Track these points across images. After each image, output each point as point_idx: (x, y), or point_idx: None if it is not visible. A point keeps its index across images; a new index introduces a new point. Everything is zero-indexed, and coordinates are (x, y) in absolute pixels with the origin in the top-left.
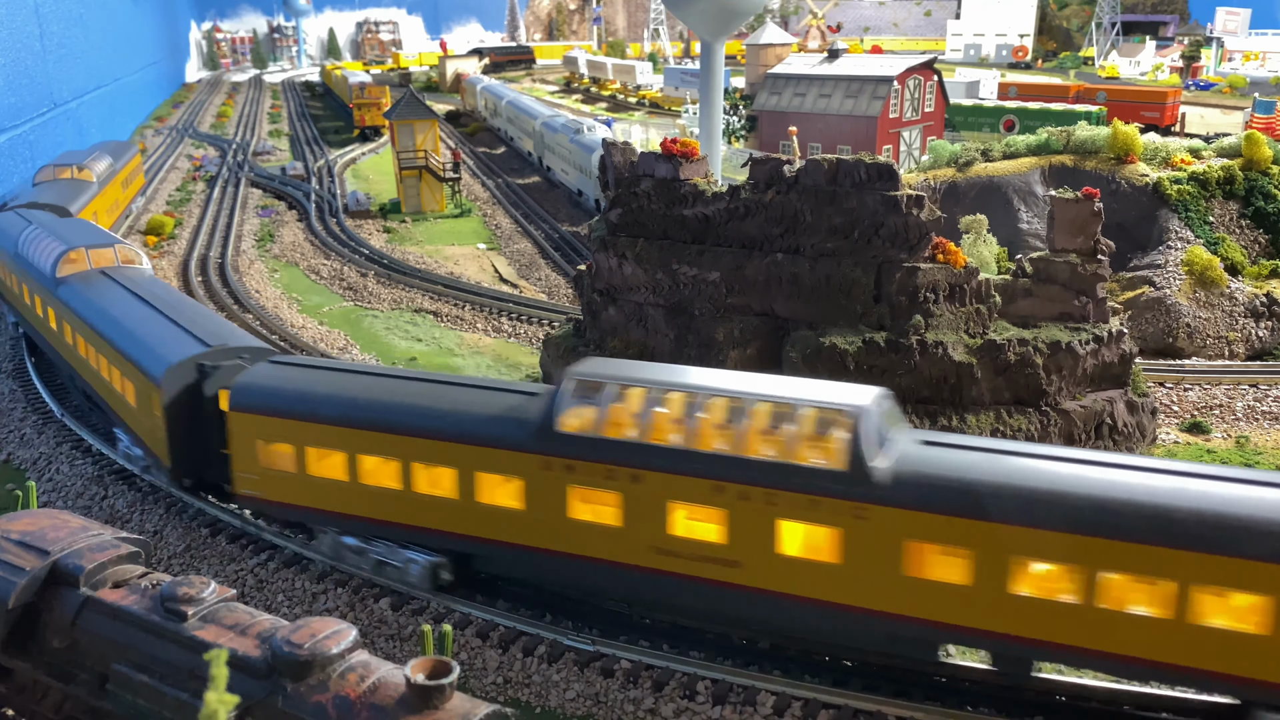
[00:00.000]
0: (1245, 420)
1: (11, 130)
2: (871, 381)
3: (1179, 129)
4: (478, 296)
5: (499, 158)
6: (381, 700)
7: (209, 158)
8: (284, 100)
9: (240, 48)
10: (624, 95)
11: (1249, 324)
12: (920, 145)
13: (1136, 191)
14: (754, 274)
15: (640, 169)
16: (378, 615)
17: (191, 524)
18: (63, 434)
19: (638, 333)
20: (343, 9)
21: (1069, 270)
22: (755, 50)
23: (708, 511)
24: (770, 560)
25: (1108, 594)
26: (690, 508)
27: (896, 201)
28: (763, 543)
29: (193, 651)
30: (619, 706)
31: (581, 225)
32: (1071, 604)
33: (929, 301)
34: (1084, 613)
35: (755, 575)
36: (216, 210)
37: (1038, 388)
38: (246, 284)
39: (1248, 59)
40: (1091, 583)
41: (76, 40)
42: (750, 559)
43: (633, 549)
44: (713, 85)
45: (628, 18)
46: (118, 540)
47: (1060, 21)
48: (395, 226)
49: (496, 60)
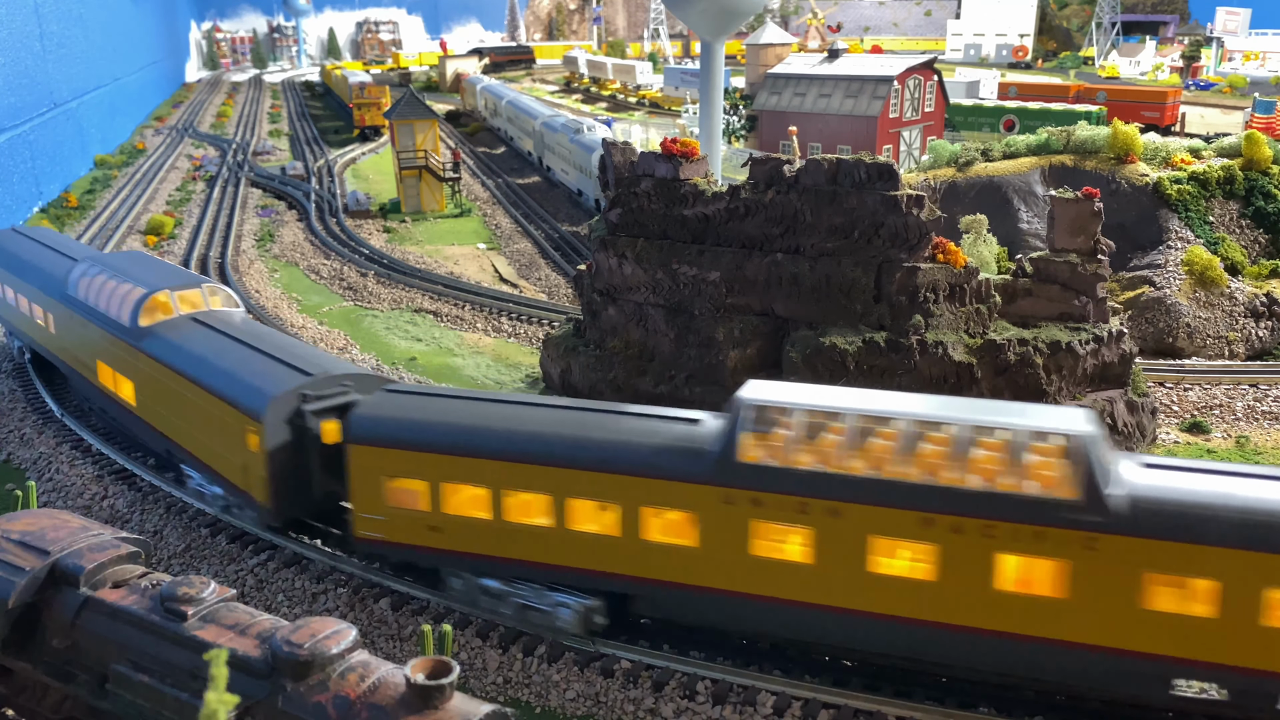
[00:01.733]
0: (1245, 420)
1: (11, 130)
2: (871, 382)
3: (1179, 129)
4: (478, 296)
5: (499, 158)
6: (381, 700)
7: (209, 158)
8: (284, 100)
9: (240, 47)
10: (624, 95)
11: (1249, 324)
12: (920, 145)
13: (1136, 191)
14: (754, 274)
15: (640, 169)
16: (378, 615)
17: (191, 524)
18: (63, 434)
19: (638, 333)
20: (343, 9)
21: (1069, 270)
22: (755, 50)
23: (915, 547)
24: (985, 596)
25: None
26: (894, 543)
27: (896, 201)
28: (978, 578)
29: (193, 651)
30: (619, 706)
31: (581, 225)
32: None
33: (929, 301)
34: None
35: (968, 613)
36: (216, 210)
37: (1038, 388)
38: (246, 284)
39: (1248, 59)
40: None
41: (76, 40)
42: (962, 595)
43: (826, 588)
44: (713, 85)
45: (628, 18)
46: (118, 540)
47: (1060, 21)
48: (395, 226)
49: (496, 60)
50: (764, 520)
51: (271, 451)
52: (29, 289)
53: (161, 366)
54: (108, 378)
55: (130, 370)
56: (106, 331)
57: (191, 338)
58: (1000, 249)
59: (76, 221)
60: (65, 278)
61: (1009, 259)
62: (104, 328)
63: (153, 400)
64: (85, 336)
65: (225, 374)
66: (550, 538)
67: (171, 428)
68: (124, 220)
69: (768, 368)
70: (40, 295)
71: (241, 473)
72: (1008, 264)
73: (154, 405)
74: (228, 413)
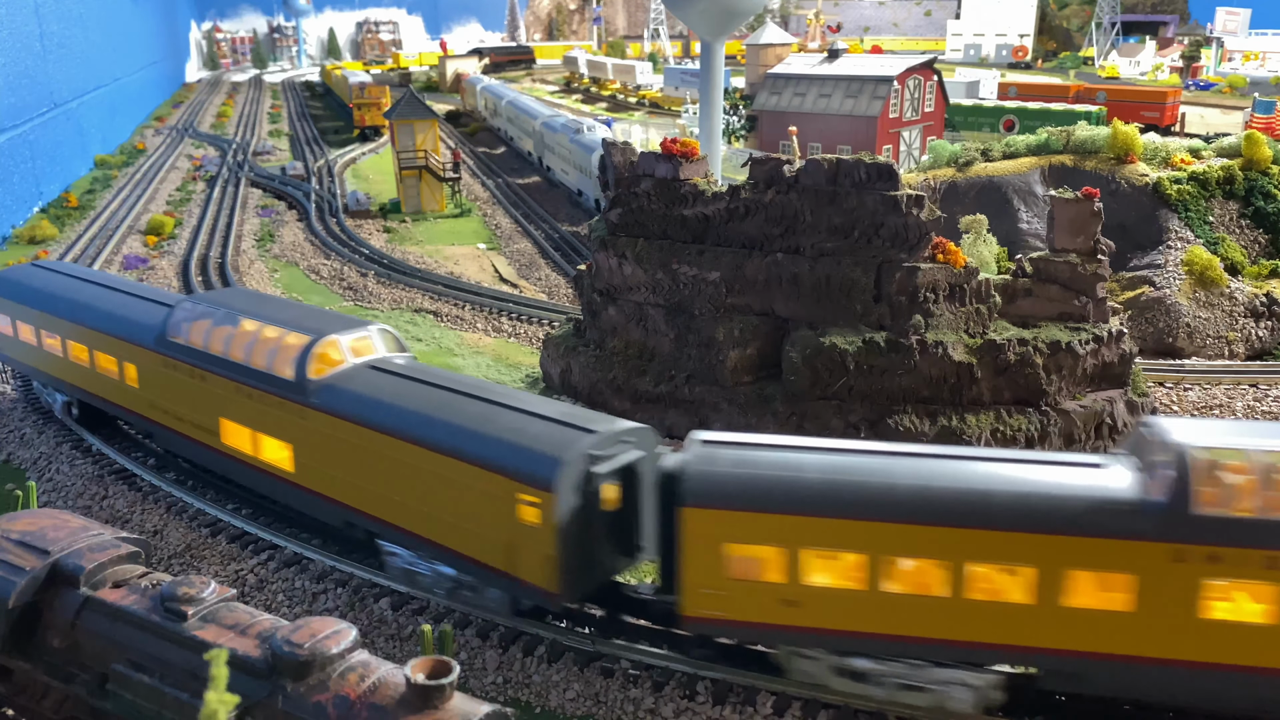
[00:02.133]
0: (1245, 420)
1: (11, 130)
2: (871, 381)
3: (1179, 129)
4: (478, 296)
5: (499, 158)
6: (381, 700)
7: (209, 158)
8: (284, 100)
9: (240, 48)
10: (624, 95)
11: (1249, 324)
12: (920, 145)
13: (1136, 191)
14: (754, 274)
15: (640, 169)
16: (378, 615)
17: (191, 524)
18: (63, 434)
19: (638, 333)
20: (343, 9)
21: (1069, 270)
22: (755, 50)
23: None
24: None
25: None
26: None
27: (896, 201)
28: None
29: (193, 651)
30: (619, 706)
31: (581, 225)
32: None
33: (929, 301)
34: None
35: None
36: (216, 210)
37: (1038, 387)
38: (246, 284)
39: (1248, 59)
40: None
41: (76, 40)
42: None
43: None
44: (713, 85)
45: (628, 18)
46: (118, 540)
47: (1060, 21)
48: (395, 226)
49: (496, 60)
50: (1221, 578)
51: (561, 525)
52: (87, 334)
53: (351, 426)
54: (241, 439)
55: (287, 430)
56: (248, 385)
57: (391, 390)
58: (1000, 249)
59: (76, 221)
60: (161, 322)
61: (1009, 259)
62: (242, 381)
63: (328, 465)
64: (200, 391)
65: (473, 435)
66: (943, 609)
67: (362, 497)
68: (124, 220)
69: (768, 367)
70: (111, 342)
71: (504, 551)
72: (1008, 264)
73: (330, 471)
74: (486, 481)
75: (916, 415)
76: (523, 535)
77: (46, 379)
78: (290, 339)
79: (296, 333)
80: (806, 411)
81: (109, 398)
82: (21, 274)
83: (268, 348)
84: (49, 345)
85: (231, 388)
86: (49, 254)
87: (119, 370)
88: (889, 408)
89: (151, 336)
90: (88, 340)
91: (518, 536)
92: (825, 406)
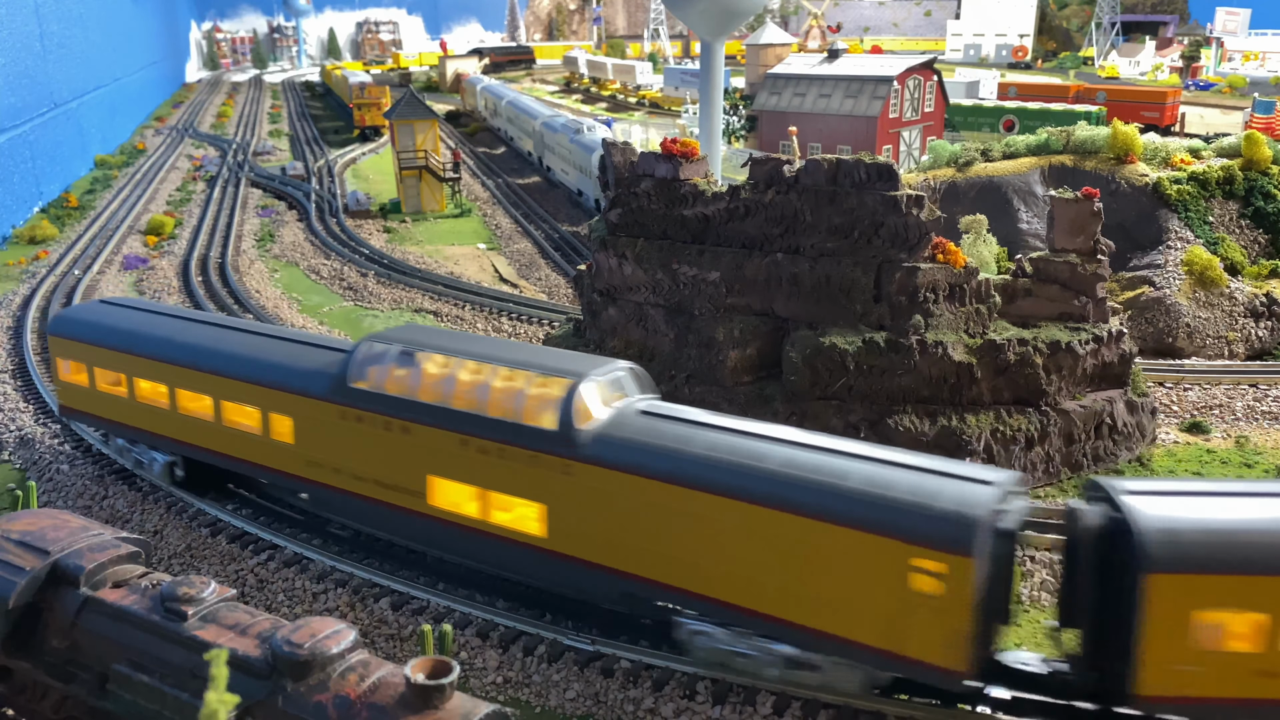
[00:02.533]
0: (1245, 420)
1: (11, 130)
2: (871, 381)
3: (1179, 129)
4: (478, 296)
5: (499, 158)
6: (381, 700)
7: (209, 158)
8: (284, 100)
9: (240, 48)
10: (624, 95)
11: (1249, 324)
12: (920, 145)
13: (1136, 191)
14: (754, 274)
15: (640, 169)
16: (378, 615)
17: (191, 524)
18: (63, 434)
19: (637, 333)
20: (343, 9)
21: (1069, 270)
22: (755, 50)
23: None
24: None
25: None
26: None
27: (896, 201)
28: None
29: (193, 651)
30: (619, 706)
31: (581, 225)
32: None
33: (929, 301)
34: None
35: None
36: (216, 210)
37: (1038, 387)
38: (246, 284)
39: (1247, 59)
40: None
41: (76, 40)
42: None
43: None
44: (713, 85)
45: (628, 18)
46: (118, 540)
47: (1060, 21)
48: (395, 226)
49: (496, 60)
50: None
51: (974, 593)
52: (209, 381)
53: (643, 482)
54: (462, 500)
55: (541, 489)
56: (482, 438)
57: (689, 439)
58: (1000, 249)
59: (76, 221)
60: (339, 366)
61: (1009, 259)
62: (472, 433)
63: (600, 528)
64: (400, 446)
65: (834, 491)
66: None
67: (653, 563)
68: (124, 220)
69: (768, 367)
70: (252, 391)
71: (884, 625)
72: (1008, 264)
73: (604, 534)
74: (861, 544)
75: (916, 415)
76: (916, 606)
77: (137, 434)
78: (542, 383)
79: (547, 375)
80: (806, 412)
81: (245, 456)
82: (94, 313)
83: (509, 394)
84: (146, 395)
85: (452, 441)
86: (48, 254)
87: (263, 424)
88: (889, 408)
89: (322, 383)
90: (210, 388)
91: (908, 607)
92: (825, 406)
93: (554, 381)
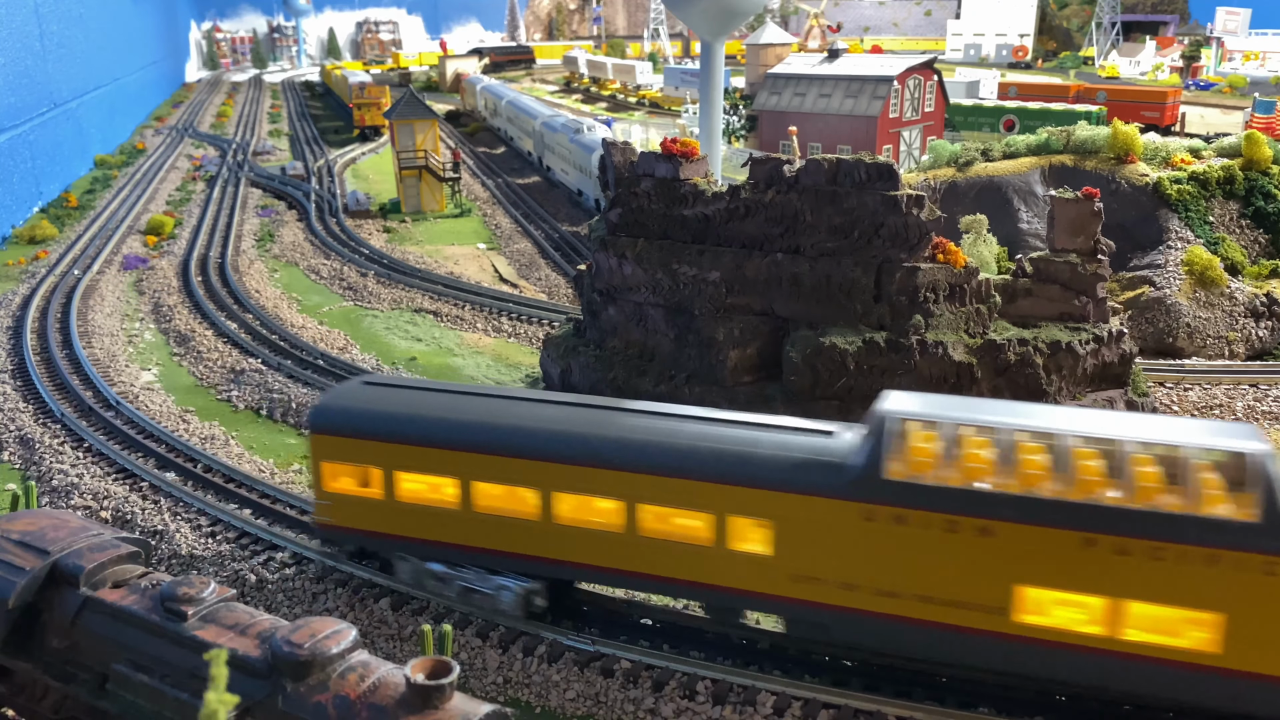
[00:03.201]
0: (1245, 420)
1: (11, 130)
2: (872, 381)
3: (1179, 129)
4: (478, 296)
5: (499, 158)
6: (381, 700)
7: (209, 158)
8: (284, 100)
9: (240, 47)
10: (624, 95)
11: (1249, 324)
12: (920, 145)
13: (1136, 191)
14: (754, 274)
15: (640, 169)
16: (378, 615)
17: (191, 524)
18: (63, 434)
19: (637, 333)
20: (343, 9)
21: (1069, 270)
22: (755, 50)
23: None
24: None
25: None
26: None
27: (896, 201)
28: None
29: (193, 651)
30: (619, 706)
31: (581, 225)
32: None
33: (929, 301)
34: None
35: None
36: (216, 210)
37: (1038, 388)
38: (246, 284)
39: (1248, 59)
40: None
41: (76, 40)
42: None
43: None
44: (713, 85)
45: (628, 18)
46: (117, 540)
47: (1060, 21)
48: (395, 226)
49: (496, 60)
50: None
51: None
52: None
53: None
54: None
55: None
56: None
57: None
58: (1000, 249)
59: (76, 221)
60: (861, 453)
61: (1009, 259)
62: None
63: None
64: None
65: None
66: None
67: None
68: (124, 220)
69: (768, 367)
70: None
71: None
72: (1008, 264)
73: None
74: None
75: None
76: None
77: (473, 556)
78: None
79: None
80: (806, 411)
81: (678, 575)
82: (370, 397)
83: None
84: (495, 504)
85: (1068, 542)
86: (48, 254)
87: (716, 532)
88: None
89: (828, 476)
90: (622, 489)
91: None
92: (825, 406)
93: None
